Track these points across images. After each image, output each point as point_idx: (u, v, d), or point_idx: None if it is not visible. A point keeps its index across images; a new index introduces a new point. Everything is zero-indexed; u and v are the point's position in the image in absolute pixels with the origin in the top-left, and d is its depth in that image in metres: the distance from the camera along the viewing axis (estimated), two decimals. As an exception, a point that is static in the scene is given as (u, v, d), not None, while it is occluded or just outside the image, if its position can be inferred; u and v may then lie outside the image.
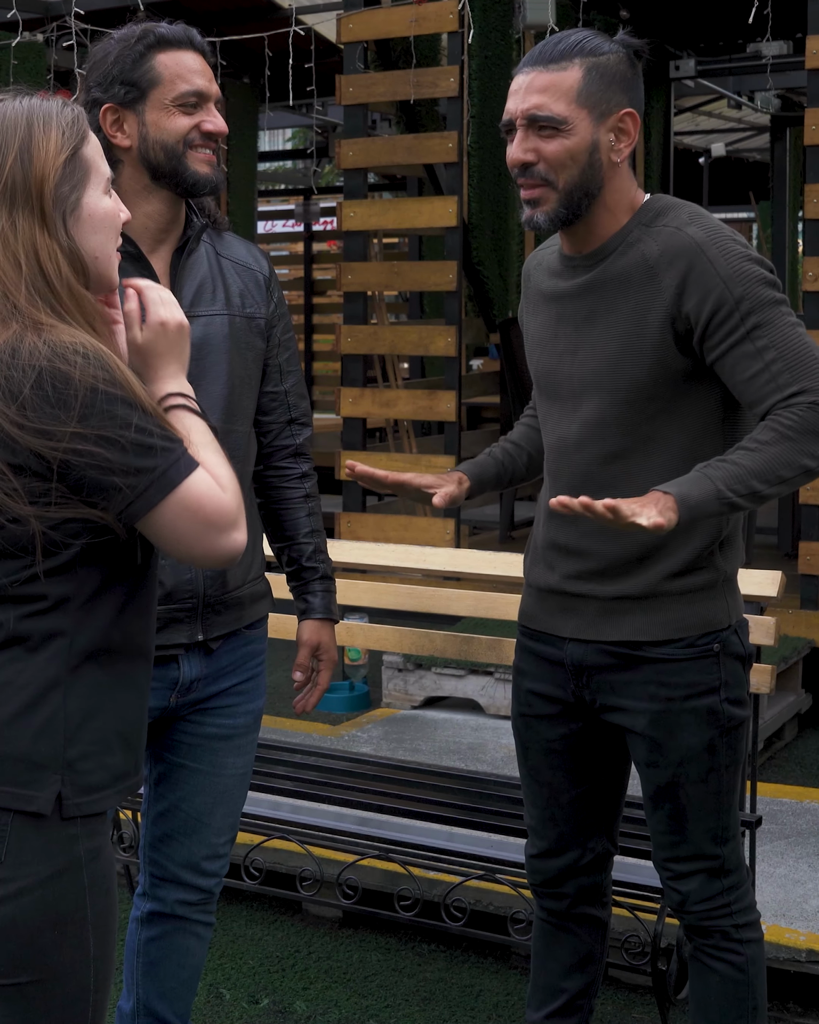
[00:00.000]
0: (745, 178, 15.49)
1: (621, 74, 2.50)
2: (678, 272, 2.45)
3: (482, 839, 3.63)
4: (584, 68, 2.46)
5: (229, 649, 2.69)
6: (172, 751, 2.72)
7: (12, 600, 1.86)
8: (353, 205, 6.31)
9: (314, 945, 3.85)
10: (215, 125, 2.57)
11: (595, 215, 2.53)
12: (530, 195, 2.52)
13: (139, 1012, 2.83)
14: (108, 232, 1.90)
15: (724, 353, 2.45)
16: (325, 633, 2.84)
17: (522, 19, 6.69)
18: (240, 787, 2.77)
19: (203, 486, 1.83)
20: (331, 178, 16.91)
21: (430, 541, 6.09)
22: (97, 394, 1.77)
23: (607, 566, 2.57)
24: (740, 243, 2.48)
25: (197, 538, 1.83)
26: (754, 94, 11.63)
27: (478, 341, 8.97)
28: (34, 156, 1.83)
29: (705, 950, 2.66)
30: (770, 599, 3.37)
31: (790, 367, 2.41)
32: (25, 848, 1.85)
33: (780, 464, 2.37)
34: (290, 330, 2.80)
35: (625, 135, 2.51)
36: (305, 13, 7.63)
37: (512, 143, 2.51)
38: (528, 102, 2.47)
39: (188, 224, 2.65)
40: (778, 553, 6.74)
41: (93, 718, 1.90)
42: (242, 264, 2.71)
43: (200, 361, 2.58)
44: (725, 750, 2.59)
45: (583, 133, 2.47)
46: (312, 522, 2.85)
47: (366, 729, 5.17)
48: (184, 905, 2.78)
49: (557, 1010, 2.83)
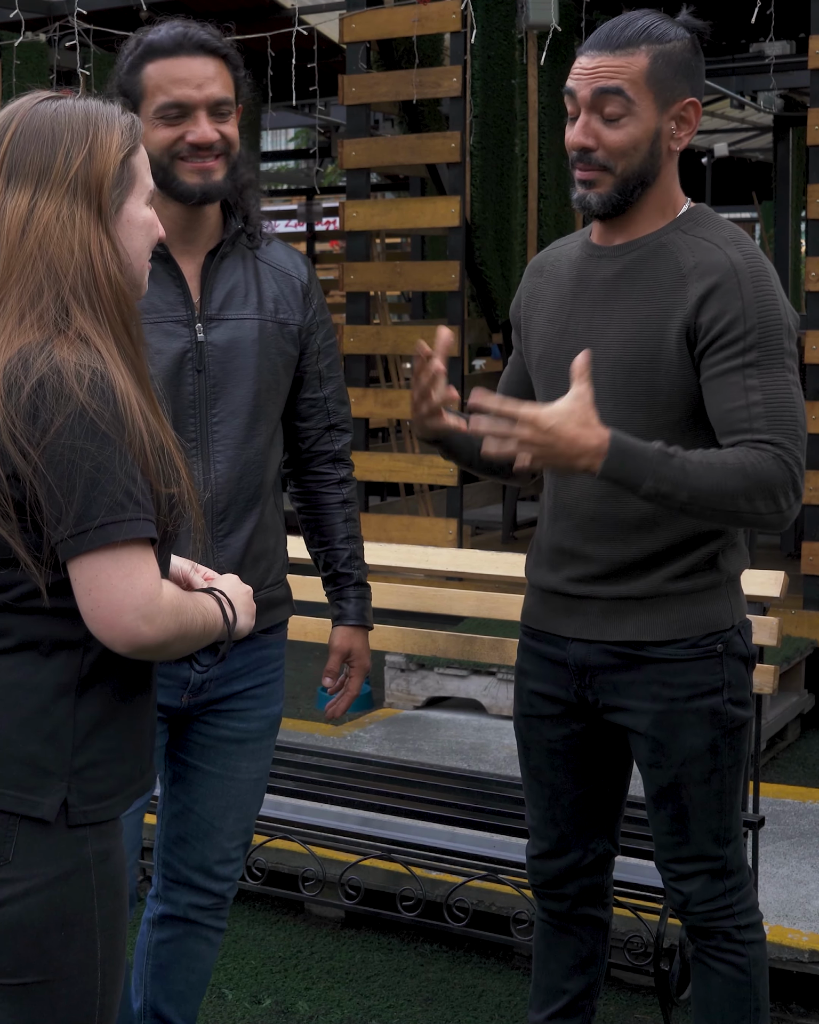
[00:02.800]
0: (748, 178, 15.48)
1: (686, 61, 2.48)
2: (706, 285, 2.43)
3: (484, 839, 3.63)
4: (651, 55, 2.44)
5: (243, 652, 2.67)
6: (186, 751, 2.72)
7: (16, 611, 1.86)
8: (356, 205, 6.31)
9: (316, 945, 3.85)
10: (197, 135, 2.53)
11: (643, 204, 2.52)
12: (586, 176, 2.49)
13: (146, 1013, 2.84)
14: (144, 241, 1.93)
15: (714, 376, 2.43)
16: (357, 640, 2.85)
17: (525, 19, 6.68)
18: (254, 792, 2.77)
19: (142, 563, 1.79)
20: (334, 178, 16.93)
21: (432, 541, 6.09)
22: (80, 420, 1.76)
23: (611, 570, 2.56)
24: (775, 282, 2.45)
25: (107, 606, 1.78)
26: (757, 94, 11.61)
27: (481, 341, 8.97)
28: (98, 153, 1.86)
29: (707, 951, 2.66)
30: (773, 599, 3.37)
31: (770, 416, 2.38)
32: (33, 849, 1.85)
33: (720, 494, 2.34)
34: (332, 337, 2.79)
35: (686, 124, 2.50)
36: (308, 13, 7.63)
37: (573, 125, 2.49)
38: (594, 86, 2.45)
39: (225, 228, 2.65)
40: (781, 553, 6.74)
41: (104, 726, 1.90)
42: (281, 270, 2.70)
43: (226, 364, 2.59)
44: (728, 751, 2.58)
45: (647, 121, 2.46)
46: (349, 528, 2.85)
47: (368, 729, 5.17)
48: (196, 909, 2.78)
49: (559, 1011, 2.83)
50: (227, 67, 2.58)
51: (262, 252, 2.69)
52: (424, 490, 7.18)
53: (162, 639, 1.81)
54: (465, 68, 6.19)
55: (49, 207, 1.83)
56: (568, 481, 2.59)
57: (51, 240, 1.83)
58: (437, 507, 7.18)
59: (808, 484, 5.59)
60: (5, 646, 1.87)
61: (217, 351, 2.59)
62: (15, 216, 1.84)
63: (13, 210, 1.84)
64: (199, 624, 1.89)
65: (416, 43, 6.28)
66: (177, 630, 1.83)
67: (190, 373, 2.57)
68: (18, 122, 1.87)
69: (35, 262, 1.83)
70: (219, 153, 2.57)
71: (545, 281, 2.68)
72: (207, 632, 1.92)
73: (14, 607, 1.86)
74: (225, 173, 2.57)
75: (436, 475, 6.27)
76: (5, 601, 1.86)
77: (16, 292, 1.83)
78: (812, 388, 5.58)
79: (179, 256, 2.60)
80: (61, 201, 1.84)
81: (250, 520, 2.63)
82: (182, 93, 2.52)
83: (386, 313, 7.90)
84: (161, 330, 2.55)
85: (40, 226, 1.83)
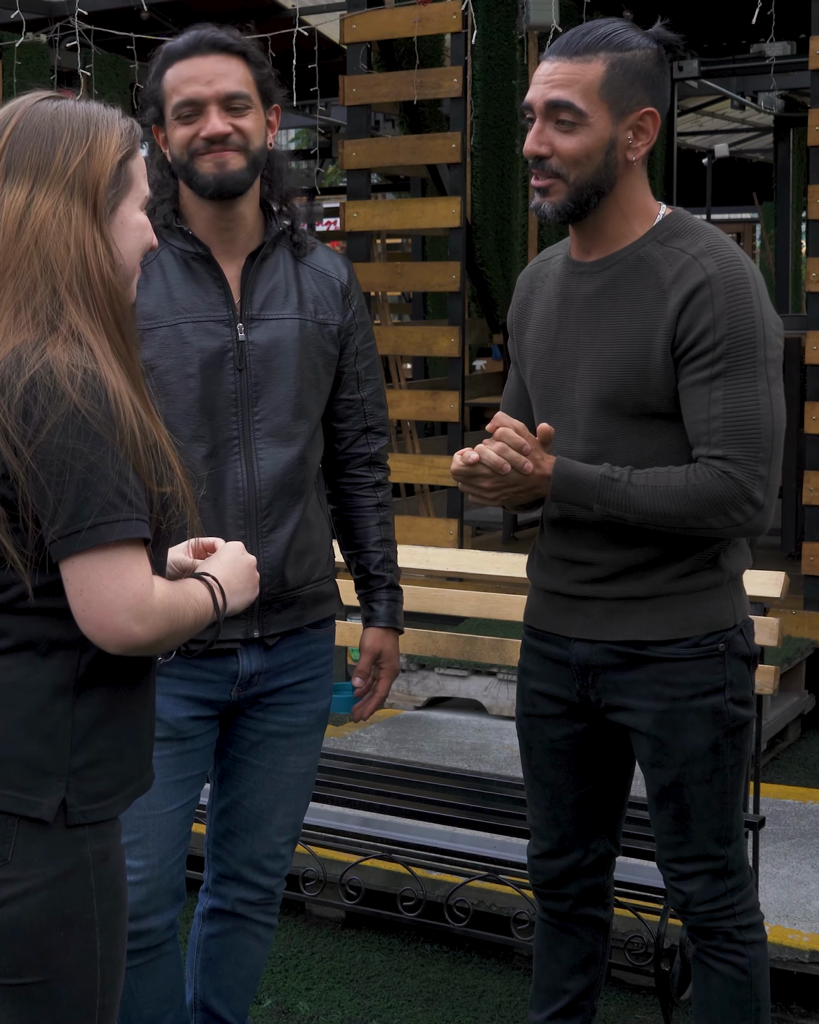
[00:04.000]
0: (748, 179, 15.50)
1: (646, 71, 2.46)
2: (681, 297, 2.43)
3: (485, 839, 3.63)
4: (608, 63, 2.43)
5: (291, 646, 2.71)
6: (234, 746, 2.75)
7: (12, 611, 1.86)
8: (356, 206, 6.32)
9: (317, 945, 3.85)
10: (208, 129, 2.56)
11: (606, 215, 2.52)
12: (540, 184, 2.50)
13: (196, 1007, 2.88)
14: (136, 244, 1.93)
15: (685, 388, 2.45)
16: (388, 642, 2.86)
17: (525, 20, 6.69)
18: (302, 787, 2.80)
19: (134, 563, 1.79)
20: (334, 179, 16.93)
21: (433, 542, 6.09)
22: (72, 420, 1.77)
23: (614, 572, 2.56)
24: (754, 287, 2.44)
25: (99, 607, 1.78)
26: (757, 95, 11.62)
27: (481, 342, 8.98)
28: (96, 153, 1.87)
29: (708, 951, 2.66)
30: (773, 600, 3.37)
31: (728, 430, 2.41)
32: (31, 849, 1.85)
33: (666, 516, 2.45)
34: (371, 339, 2.82)
35: (644, 134, 2.49)
36: (308, 14, 7.64)
37: (529, 131, 2.49)
38: (548, 93, 2.45)
39: (267, 231, 2.67)
40: (781, 554, 6.74)
41: (102, 726, 1.89)
42: (321, 271, 2.73)
43: (268, 363, 2.62)
44: (730, 750, 2.58)
45: (600, 130, 2.45)
46: (383, 531, 2.87)
47: (369, 729, 5.16)
48: (244, 904, 2.81)
49: (560, 1011, 2.83)
50: (246, 64, 2.60)
51: (304, 254, 2.73)
52: (425, 490, 7.19)
53: (154, 638, 1.82)
54: (466, 69, 6.19)
55: (46, 203, 1.84)
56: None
57: (47, 236, 1.83)
58: (438, 507, 7.18)
59: (808, 484, 5.59)
60: (2, 647, 1.87)
61: (258, 350, 2.62)
62: (12, 210, 1.84)
63: (11, 204, 1.85)
64: (190, 618, 1.89)
65: (417, 44, 6.28)
66: (168, 628, 1.84)
67: (231, 372, 2.60)
68: (19, 118, 1.88)
69: (31, 257, 1.83)
70: (236, 147, 2.58)
71: (534, 297, 2.70)
72: (198, 624, 1.92)
73: (10, 607, 1.86)
74: (244, 165, 2.58)
75: (437, 475, 6.27)
76: (1, 602, 1.86)
77: (11, 286, 1.83)
78: (812, 388, 5.58)
79: (220, 257, 2.64)
80: (58, 198, 1.84)
81: (293, 516, 2.66)
82: (192, 90, 2.56)
83: (387, 313, 7.91)
84: (203, 329, 2.59)
85: (37, 221, 1.83)
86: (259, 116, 2.61)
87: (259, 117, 2.61)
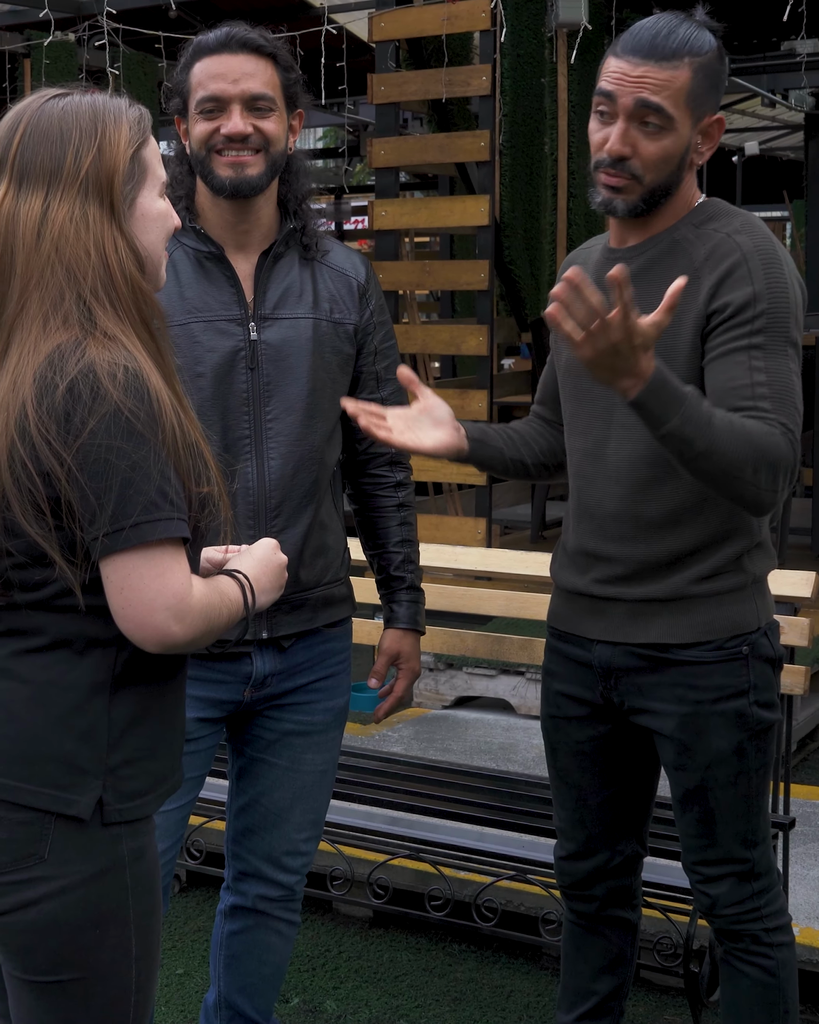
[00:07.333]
0: (779, 176, 15.44)
1: (716, 73, 2.47)
2: (718, 274, 2.43)
3: (513, 839, 3.63)
4: (692, 68, 2.43)
5: (305, 646, 2.71)
6: (251, 745, 2.75)
7: (49, 609, 1.87)
8: (385, 204, 6.31)
9: (344, 944, 3.85)
10: (229, 128, 2.55)
11: (661, 209, 2.52)
12: (615, 183, 2.48)
13: (221, 1005, 2.89)
14: (159, 233, 1.93)
15: (719, 356, 2.41)
16: (407, 643, 2.85)
17: (555, 17, 6.67)
18: (320, 784, 2.80)
19: (174, 562, 1.80)
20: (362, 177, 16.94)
21: (461, 540, 6.08)
22: (115, 419, 1.77)
23: (636, 571, 2.55)
24: (788, 264, 2.44)
25: (139, 605, 1.79)
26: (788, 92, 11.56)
27: (510, 340, 8.95)
28: (107, 150, 1.86)
29: (735, 954, 2.65)
30: (804, 600, 3.35)
31: (773, 399, 2.36)
32: (68, 847, 1.85)
33: (733, 456, 2.28)
34: (391, 338, 2.81)
35: (709, 139, 2.51)
36: (337, 12, 7.64)
37: (599, 122, 2.47)
38: (637, 95, 2.42)
39: (281, 229, 2.67)
40: (811, 554, 6.71)
41: (138, 724, 1.90)
42: (337, 270, 2.73)
43: (280, 362, 2.61)
44: (754, 753, 2.57)
45: (683, 136, 2.45)
46: (404, 531, 2.86)
47: (397, 729, 5.16)
48: (265, 900, 2.82)
49: (588, 1012, 2.82)
50: (274, 66, 2.60)
51: (321, 253, 2.72)
52: (453, 489, 7.18)
53: (191, 637, 1.82)
54: (495, 67, 6.17)
55: (62, 209, 1.84)
56: (591, 481, 2.59)
57: (67, 243, 1.83)
58: (466, 506, 7.17)
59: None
60: (38, 644, 1.87)
61: (270, 349, 2.61)
62: (30, 219, 1.84)
63: (28, 213, 1.84)
64: (225, 617, 1.90)
65: (445, 42, 6.26)
66: (205, 627, 1.84)
67: (243, 371, 2.60)
68: (26, 123, 1.87)
69: (54, 266, 1.83)
70: (257, 149, 2.57)
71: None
72: (231, 622, 1.92)
73: (47, 605, 1.86)
74: (263, 169, 2.58)
75: (465, 474, 6.26)
76: (38, 600, 1.86)
77: (37, 297, 1.83)
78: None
79: (233, 255, 2.63)
80: (74, 202, 1.84)
81: (305, 517, 2.65)
82: (217, 87, 2.56)
83: (415, 312, 7.90)
84: (214, 328, 2.59)
85: (55, 229, 1.83)
86: (282, 119, 2.61)
87: (282, 120, 2.61)
